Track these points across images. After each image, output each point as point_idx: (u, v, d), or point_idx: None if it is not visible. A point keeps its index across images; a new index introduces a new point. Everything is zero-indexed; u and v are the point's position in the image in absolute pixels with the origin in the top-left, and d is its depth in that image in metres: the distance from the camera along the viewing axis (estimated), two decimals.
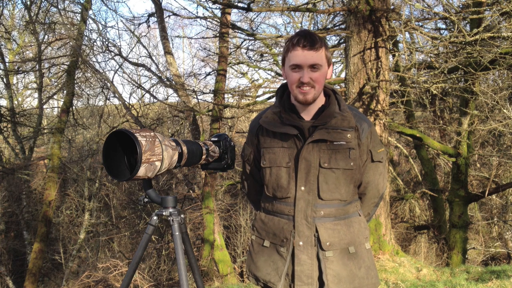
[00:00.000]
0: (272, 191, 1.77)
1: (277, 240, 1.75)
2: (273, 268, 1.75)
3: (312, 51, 1.66)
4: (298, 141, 1.72)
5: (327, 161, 1.70)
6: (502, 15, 6.11)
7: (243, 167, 1.96)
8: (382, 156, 1.84)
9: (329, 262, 1.68)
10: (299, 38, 1.67)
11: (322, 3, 8.21)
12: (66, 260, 11.68)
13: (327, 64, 1.73)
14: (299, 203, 1.71)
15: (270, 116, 1.79)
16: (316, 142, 1.70)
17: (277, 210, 1.78)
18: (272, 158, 1.76)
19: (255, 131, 1.85)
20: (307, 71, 1.67)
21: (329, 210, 1.71)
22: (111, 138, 1.62)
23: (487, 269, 5.59)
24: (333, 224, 1.71)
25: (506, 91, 8.93)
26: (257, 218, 1.87)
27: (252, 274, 1.84)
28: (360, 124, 1.75)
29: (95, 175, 12.76)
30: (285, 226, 1.73)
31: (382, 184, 1.88)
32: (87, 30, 11.02)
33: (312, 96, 1.71)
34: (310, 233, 1.70)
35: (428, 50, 6.41)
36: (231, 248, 11.56)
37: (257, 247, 1.84)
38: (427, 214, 11.87)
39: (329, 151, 1.70)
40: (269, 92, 7.81)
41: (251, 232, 1.89)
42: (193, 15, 9.33)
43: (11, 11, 13.78)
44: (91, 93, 13.74)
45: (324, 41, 1.73)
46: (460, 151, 8.76)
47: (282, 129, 1.73)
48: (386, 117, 6.06)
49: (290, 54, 1.69)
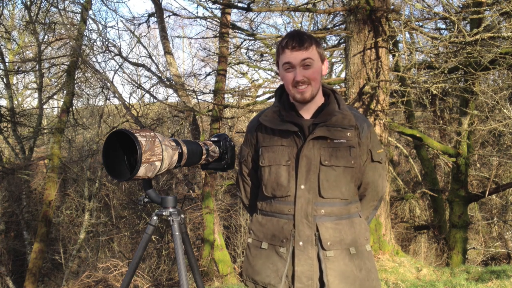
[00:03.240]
0: (271, 191, 1.75)
1: (276, 240, 1.73)
2: (273, 270, 1.72)
3: (302, 51, 1.67)
4: (298, 139, 1.71)
5: (328, 159, 1.69)
6: (502, 15, 6.11)
7: (240, 168, 1.94)
8: (382, 157, 1.83)
9: (330, 262, 1.66)
10: (287, 40, 1.69)
11: (322, 3, 8.21)
12: (66, 260, 11.68)
13: (320, 60, 1.73)
14: (299, 201, 1.69)
15: (270, 114, 1.79)
16: (316, 140, 1.69)
17: (276, 210, 1.75)
18: (271, 156, 1.75)
19: (254, 130, 1.84)
20: (299, 70, 1.68)
21: (330, 209, 1.70)
22: (111, 138, 1.62)
23: (487, 269, 5.59)
24: (334, 223, 1.70)
25: (506, 91, 8.93)
26: (253, 221, 1.84)
27: (250, 278, 1.79)
28: (360, 124, 1.75)
29: (95, 175, 12.76)
30: (285, 226, 1.71)
31: (381, 186, 1.87)
32: (87, 30, 11.01)
33: (310, 93, 1.71)
34: (311, 233, 1.67)
35: (428, 50, 6.41)
36: (231, 248, 11.56)
37: (254, 250, 1.80)
38: (427, 214, 11.87)
39: (329, 149, 1.69)
40: (269, 92, 7.82)
41: (248, 236, 1.86)
42: (193, 15, 9.33)
43: (11, 11, 13.78)
44: (91, 93, 13.75)
45: (313, 38, 1.72)
46: (460, 151, 8.76)
47: (282, 127, 1.72)
48: (386, 117, 6.06)
49: (281, 56, 1.71)
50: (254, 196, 1.92)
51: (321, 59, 1.73)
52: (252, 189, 1.93)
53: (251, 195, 1.94)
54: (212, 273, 8.53)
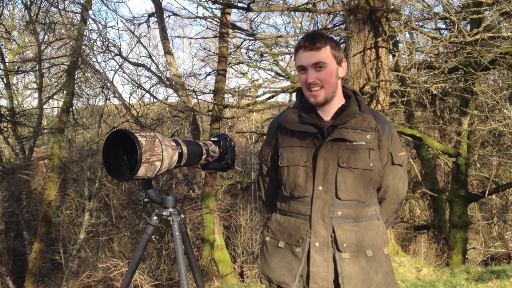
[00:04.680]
0: (290, 191, 1.76)
1: (293, 240, 1.73)
2: (287, 269, 1.72)
3: (313, 51, 1.66)
4: (316, 140, 1.71)
5: (346, 161, 1.68)
6: (502, 15, 6.11)
7: (260, 168, 1.96)
8: (403, 160, 1.80)
9: (345, 264, 1.65)
10: (301, 40, 1.69)
11: (322, 3, 8.20)
12: (66, 260, 11.68)
13: (336, 62, 1.71)
14: (316, 202, 1.69)
15: (289, 116, 1.79)
16: (335, 141, 1.69)
17: (293, 210, 1.76)
18: (290, 157, 1.75)
19: (274, 131, 1.85)
20: (311, 71, 1.68)
21: (347, 211, 1.69)
22: (111, 138, 1.62)
23: (487, 269, 5.59)
24: (351, 225, 1.68)
25: (506, 91, 8.93)
26: (272, 220, 1.85)
27: (265, 276, 1.80)
28: (380, 126, 1.74)
29: (95, 175, 12.77)
30: (302, 226, 1.71)
31: (402, 189, 1.84)
32: (87, 30, 11.02)
33: (324, 97, 1.70)
34: (327, 234, 1.67)
35: (428, 50, 6.40)
36: (231, 248, 11.57)
37: (271, 248, 1.81)
38: (427, 214, 11.88)
39: (348, 151, 1.69)
40: (269, 92, 7.78)
41: (265, 234, 1.87)
42: (193, 15, 9.32)
43: (11, 11, 13.78)
44: (91, 93, 13.75)
45: (330, 39, 1.71)
46: (460, 151, 8.76)
47: (302, 128, 1.73)
48: (386, 117, 6.06)
49: (296, 58, 1.72)
50: (274, 195, 1.93)
51: (336, 61, 1.71)
52: (272, 188, 1.94)
53: (271, 194, 1.96)
54: (212, 273, 8.53)
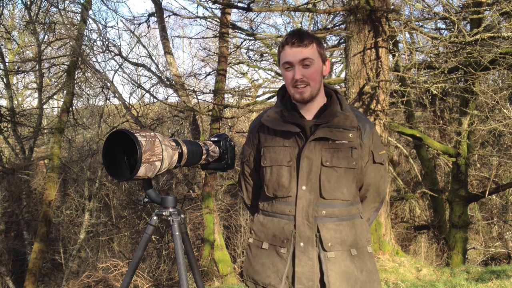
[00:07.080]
0: (273, 191, 1.74)
1: (277, 241, 1.72)
2: (273, 270, 1.71)
3: (301, 47, 1.66)
4: (299, 140, 1.71)
5: (329, 160, 1.68)
6: (502, 15, 6.11)
7: (242, 169, 1.94)
8: (384, 158, 1.82)
9: (330, 264, 1.65)
10: (288, 37, 1.69)
11: (322, 3, 8.21)
12: (66, 260, 11.68)
13: (321, 60, 1.72)
14: (300, 202, 1.68)
15: (272, 115, 1.78)
16: (318, 141, 1.69)
17: (277, 211, 1.74)
18: (273, 157, 1.74)
19: (256, 130, 1.84)
20: (298, 68, 1.67)
21: (331, 210, 1.69)
22: (111, 138, 1.61)
23: (487, 269, 5.59)
24: (335, 224, 1.69)
25: (506, 91, 8.94)
26: (255, 221, 1.84)
27: (251, 278, 1.79)
28: (362, 124, 1.74)
29: (95, 175, 12.76)
30: (286, 227, 1.70)
31: (383, 187, 1.86)
32: (87, 30, 11.00)
33: (309, 93, 1.70)
34: (312, 234, 1.67)
35: (428, 50, 6.41)
36: (231, 248, 11.56)
37: (255, 250, 1.80)
38: (427, 214, 11.88)
39: (331, 150, 1.69)
40: (269, 92, 7.81)
41: (249, 236, 1.85)
42: (193, 15, 9.32)
43: (11, 11, 13.79)
44: (91, 93, 13.75)
45: (315, 37, 1.72)
46: (460, 151, 8.76)
47: (284, 127, 1.72)
48: (386, 117, 6.06)
49: (282, 54, 1.72)
50: (256, 196, 1.91)
51: (322, 59, 1.73)
52: (253, 189, 1.92)
53: (253, 195, 1.94)
54: (212, 273, 8.53)
